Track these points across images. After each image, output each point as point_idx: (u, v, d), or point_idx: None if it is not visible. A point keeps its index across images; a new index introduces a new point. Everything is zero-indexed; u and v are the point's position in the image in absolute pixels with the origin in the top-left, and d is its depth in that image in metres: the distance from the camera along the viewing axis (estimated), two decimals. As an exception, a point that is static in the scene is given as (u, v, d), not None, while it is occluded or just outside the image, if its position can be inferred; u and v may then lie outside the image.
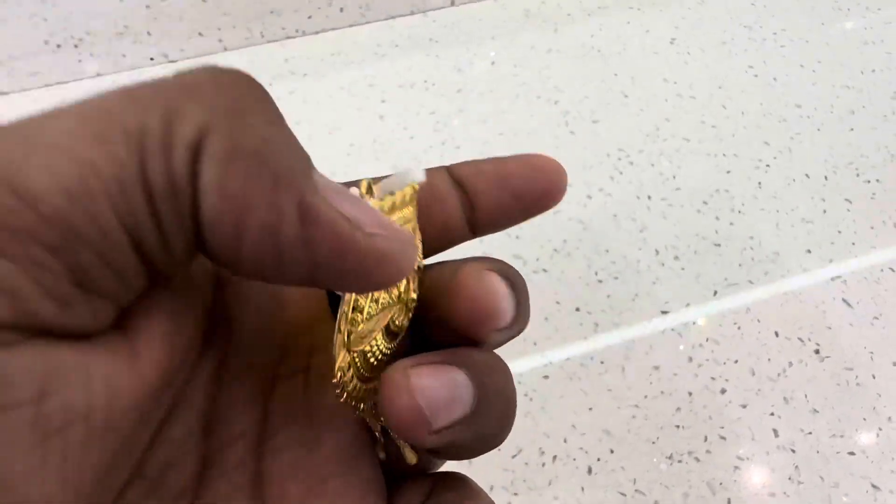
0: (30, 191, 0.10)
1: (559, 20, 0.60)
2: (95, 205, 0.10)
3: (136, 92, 0.11)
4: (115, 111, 0.11)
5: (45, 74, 0.57)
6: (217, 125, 0.11)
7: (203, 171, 0.11)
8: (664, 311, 0.42)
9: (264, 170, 0.11)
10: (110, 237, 0.11)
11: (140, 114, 0.11)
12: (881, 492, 0.36)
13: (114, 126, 0.11)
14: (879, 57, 0.57)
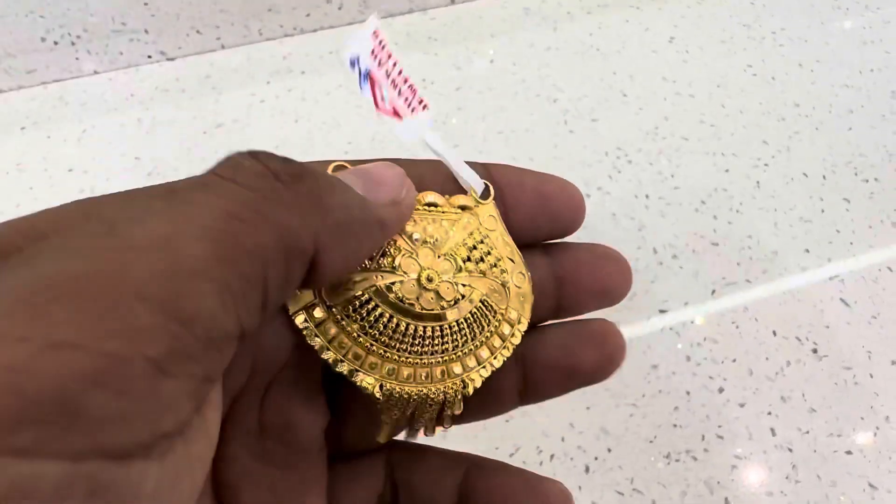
0: (189, 317, 0.11)
1: (558, 18, 0.60)
2: (229, 319, 0.12)
3: (243, 214, 0.13)
4: (235, 234, 0.12)
5: (41, 72, 0.57)
6: (324, 242, 0.14)
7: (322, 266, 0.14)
8: (662, 310, 0.42)
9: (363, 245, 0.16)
10: (233, 342, 0.13)
11: (252, 236, 0.13)
12: (878, 491, 0.36)
13: (236, 247, 0.12)
14: (878, 56, 0.57)
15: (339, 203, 0.14)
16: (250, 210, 0.13)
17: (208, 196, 0.13)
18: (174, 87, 0.57)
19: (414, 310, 0.17)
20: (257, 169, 0.13)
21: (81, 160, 0.52)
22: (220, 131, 0.53)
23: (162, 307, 0.11)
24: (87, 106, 0.56)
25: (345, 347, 0.17)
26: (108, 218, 0.12)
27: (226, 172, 0.13)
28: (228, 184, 0.13)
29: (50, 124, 0.55)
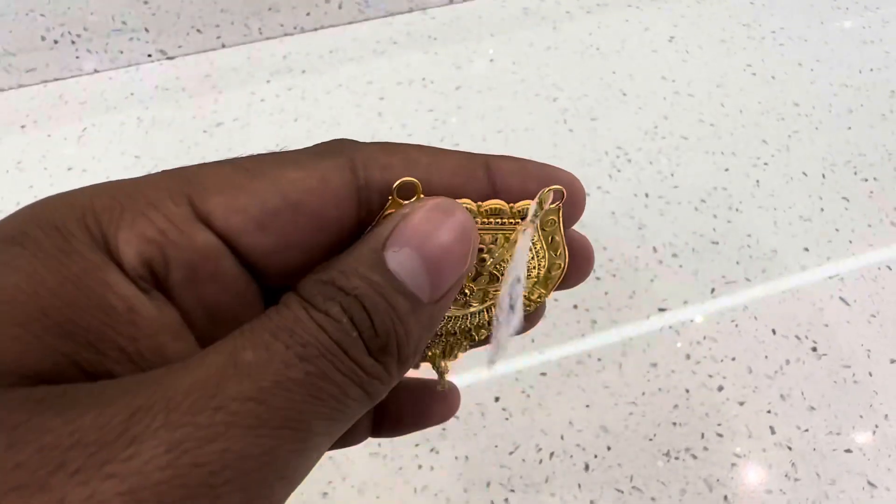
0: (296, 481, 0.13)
1: (558, 18, 0.60)
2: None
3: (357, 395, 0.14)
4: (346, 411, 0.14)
5: (42, 70, 0.57)
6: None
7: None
8: (662, 309, 0.42)
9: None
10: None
11: (359, 411, 0.14)
12: (877, 489, 0.36)
13: (344, 423, 0.14)
14: (878, 56, 0.57)
15: (414, 348, 0.14)
16: (359, 390, 0.14)
17: (338, 375, 0.13)
18: (174, 86, 0.57)
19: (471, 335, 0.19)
20: (361, 346, 0.14)
21: (81, 159, 0.52)
22: (220, 130, 0.53)
23: (289, 484, 0.13)
24: (87, 105, 0.56)
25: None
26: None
27: (340, 340, 0.13)
28: (346, 358, 0.13)
29: (50, 123, 0.55)
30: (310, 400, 0.12)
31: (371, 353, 0.13)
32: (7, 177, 0.51)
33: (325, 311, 0.13)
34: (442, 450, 0.37)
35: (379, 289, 0.14)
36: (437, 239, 0.14)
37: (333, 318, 0.13)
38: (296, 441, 0.12)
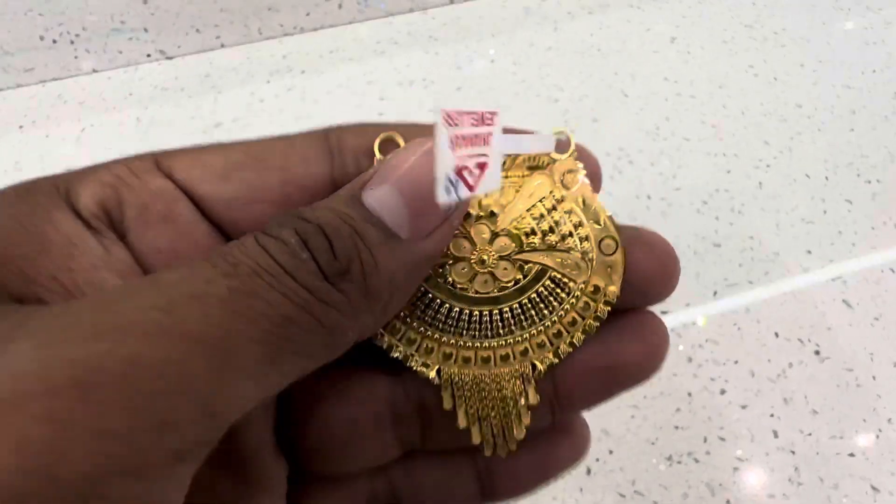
0: (222, 412, 0.12)
1: (559, 18, 0.60)
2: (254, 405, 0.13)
3: (299, 318, 0.13)
4: (288, 337, 0.12)
5: (40, 70, 0.56)
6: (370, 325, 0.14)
7: None
8: (664, 311, 0.42)
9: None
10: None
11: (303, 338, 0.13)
12: (881, 493, 0.36)
13: (286, 350, 0.12)
14: (880, 57, 0.57)
15: (386, 280, 0.13)
16: (306, 316, 0.12)
17: (271, 293, 0.12)
18: (173, 86, 0.56)
19: (468, 294, 0.16)
20: (311, 267, 0.13)
21: (80, 159, 0.52)
22: (220, 131, 0.53)
23: (200, 402, 0.11)
24: (86, 105, 0.55)
25: (398, 332, 0.16)
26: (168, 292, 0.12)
27: (285, 262, 0.13)
28: (288, 279, 0.12)
29: (48, 123, 0.54)
30: (232, 317, 0.12)
31: (327, 277, 0.13)
32: (5, 177, 0.51)
33: (274, 236, 0.13)
34: (442, 453, 0.37)
35: (347, 218, 0.13)
36: (417, 174, 0.13)
37: (281, 240, 0.13)
38: (212, 358, 0.11)
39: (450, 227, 0.15)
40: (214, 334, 0.11)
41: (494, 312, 0.16)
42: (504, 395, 0.16)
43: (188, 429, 0.11)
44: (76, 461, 0.10)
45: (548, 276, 0.16)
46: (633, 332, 0.17)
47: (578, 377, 0.17)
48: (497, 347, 0.16)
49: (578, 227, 0.16)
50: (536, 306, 0.16)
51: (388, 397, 0.17)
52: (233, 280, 0.12)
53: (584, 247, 0.16)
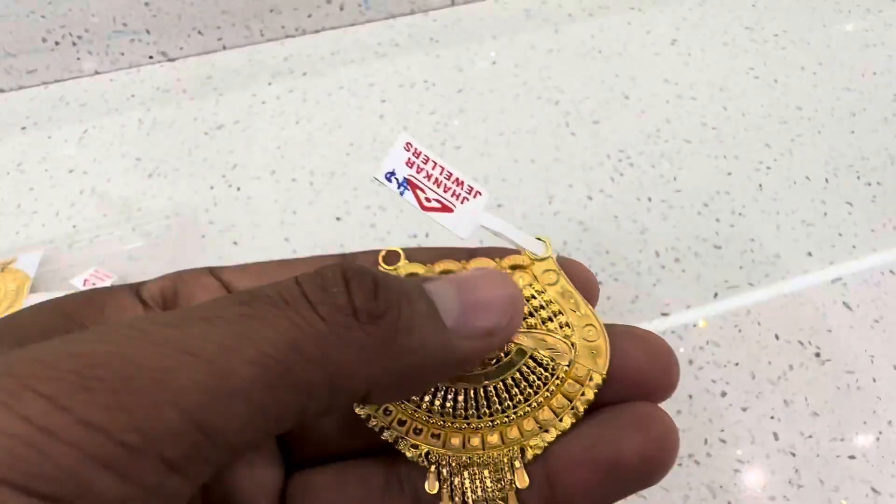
0: (215, 430, 0.12)
1: (560, 20, 0.60)
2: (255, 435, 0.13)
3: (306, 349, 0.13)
4: (290, 367, 0.12)
5: (42, 72, 0.57)
6: (381, 385, 0.14)
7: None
8: (664, 313, 0.42)
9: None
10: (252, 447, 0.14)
11: (306, 371, 0.13)
12: (881, 496, 0.36)
13: (286, 380, 0.12)
14: (881, 59, 0.57)
15: (416, 346, 0.13)
16: (314, 346, 0.13)
17: (280, 320, 0.12)
18: (175, 88, 0.57)
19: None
20: (341, 302, 0.13)
21: (82, 161, 0.52)
22: (221, 132, 0.53)
23: (192, 417, 0.12)
24: (88, 106, 0.56)
25: (390, 414, 0.16)
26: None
27: (312, 294, 0.13)
28: (306, 311, 0.13)
29: (51, 125, 0.55)
30: (233, 337, 0.12)
31: (356, 314, 0.13)
32: (8, 178, 0.51)
33: (315, 272, 0.13)
34: (443, 455, 0.37)
35: (402, 282, 0.14)
36: (481, 288, 0.14)
37: (319, 275, 0.13)
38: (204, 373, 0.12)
39: (489, 344, 0.15)
40: (211, 350, 0.12)
41: (479, 390, 0.16)
42: (493, 479, 0.16)
43: (177, 438, 0.11)
44: (66, 447, 0.11)
45: (529, 356, 0.16)
46: (632, 424, 0.16)
47: (577, 471, 0.16)
48: (485, 429, 0.16)
49: (558, 315, 0.17)
50: (519, 384, 0.16)
51: (383, 489, 0.17)
52: (246, 308, 0.12)
53: (566, 332, 0.17)
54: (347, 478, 0.17)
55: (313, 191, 0.49)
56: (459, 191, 0.18)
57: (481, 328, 0.14)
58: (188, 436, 0.12)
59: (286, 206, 0.49)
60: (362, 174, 0.50)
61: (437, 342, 0.14)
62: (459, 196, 0.17)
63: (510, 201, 0.48)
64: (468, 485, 0.16)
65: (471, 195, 0.18)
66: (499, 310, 0.14)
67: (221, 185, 0.50)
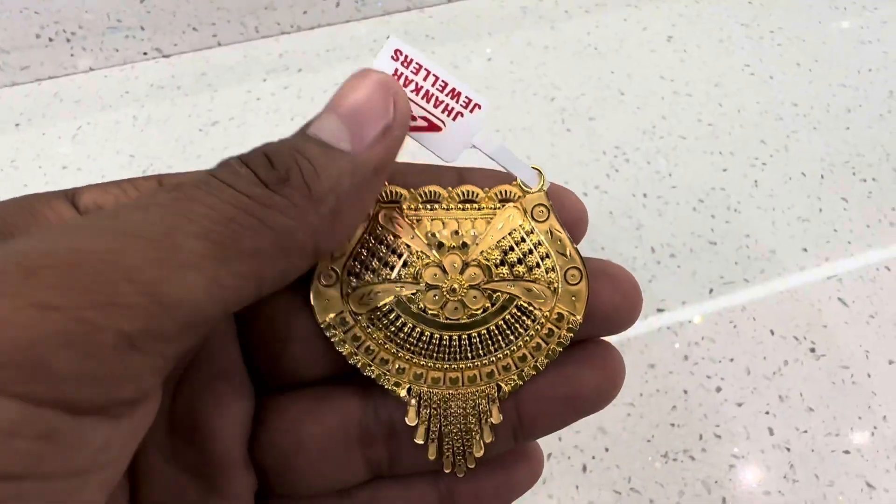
0: (173, 302, 0.12)
1: (556, 17, 0.60)
2: (213, 308, 0.13)
3: (242, 219, 0.13)
4: (234, 237, 0.13)
5: (36, 68, 0.56)
6: (324, 231, 0.15)
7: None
8: (660, 309, 0.42)
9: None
10: (212, 324, 0.14)
11: (252, 239, 0.13)
12: (876, 490, 0.36)
13: (233, 248, 0.13)
14: (876, 56, 0.57)
15: (329, 186, 0.14)
16: (249, 217, 0.13)
17: (210, 198, 0.13)
18: (170, 85, 0.56)
19: (438, 320, 0.17)
20: (251, 178, 0.14)
21: (76, 157, 0.52)
22: (216, 129, 0.53)
23: (148, 290, 0.12)
24: (82, 103, 0.55)
25: (372, 353, 0.17)
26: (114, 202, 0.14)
27: (224, 177, 0.14)
28: (228, 189, 0.14)
29: (44, 121, 0.54)
30: (173, 217, 0.13)
31: (267, 185, 0.14)
32: (1, 175, 0.51)
33: (221, 164, 0.14)
34: (439, 451, 0.37)
35: (288, 142, 0.14)
36: (351, 97, 0.15)
37: (224, 164, 0.14)
38: (153, 250, 0.12)
39: (392, 139, 0.15)
40: (155, 230, 0.12)
41: (463, 337, 0.17)
42: (468, 414, 0.17)
43: (134, 312, 0.12)
44: (18, 329, 0.11)
45: (515, 305, 0.17)
46: (592, 363, 0.18)
47: (541, 404, 0.18)
48: (465, 369, 0.17)
49: (545, 259, 0.17)
50: (503, 332, 0.17)
51: (360, 418, 0.17)
52: (177, 193, 0.13)
53: (551, 277, 0.17)
54: (323, 407, 0.17)
55: (309, 187, 0.49)
56: (453, 105, 0.17)
57: (375, 134, 0.15)
58: (145, 308, 0.12)
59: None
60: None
61: (345, 169, 0.15)
62: (452, 111, 0.17)
63: (506, 198, 0.48)
64: (445, 418, 0.17)
65: (467, 109, 0.17)
66: (379, 108, 0.15)
67: (216, 182, 0.49)
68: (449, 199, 0.17)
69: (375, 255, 0.17)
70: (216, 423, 0.16)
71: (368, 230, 0.17)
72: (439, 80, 0.16)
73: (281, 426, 0.17)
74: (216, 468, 0.16)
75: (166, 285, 0.12)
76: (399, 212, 0.17)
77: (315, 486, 0.17)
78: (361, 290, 0.17)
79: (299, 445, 0.17)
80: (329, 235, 0.15)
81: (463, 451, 0.17)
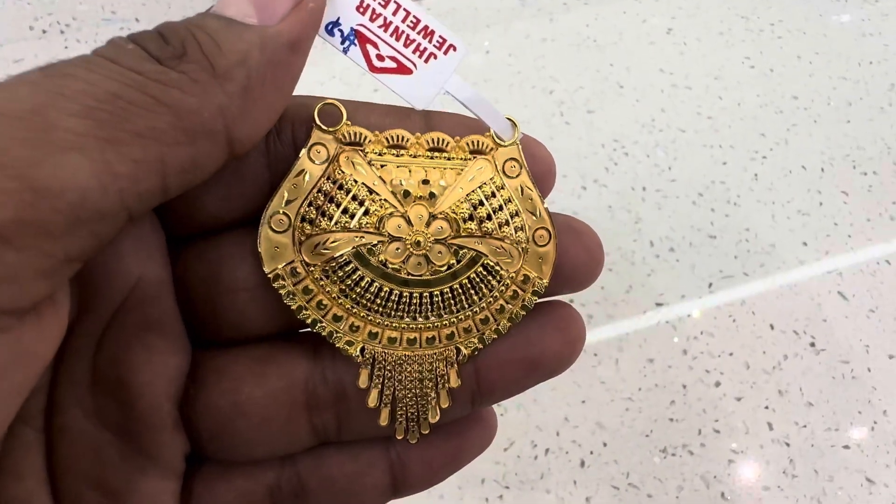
0: (51, 189, 0.11)
1: (555, 9, 0.60)
2: (107, 199, 0.11)
3: (131, 95, 0.12)
4: (122, 116, 0.12)
5: (29, 61, 0.56)
6: (234, 113, 0.13)
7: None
8: (659, 304, 0.42)
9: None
10: (110, 224, 0.12)
11: (145, 118, 0.12)
12: (875, 485, 0.36)
13: (122, 128, 0.12)
14: (877, 49, 0.56)
15: (236, 60, 0.13)
16: (140, 94, 0.12)
17: (91, 74, 0.12)
18: (165, 77, 0.56)
19: (399, 275, 0.16)
20: (139, 53, 0.12)
21: (70, 150, 0.51)
22: (212, 122, 0.53)
23: (18, 174, 0.11)
24: (77, 96, 0.55)
25: (324, 308, 0.16)
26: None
27: (107, 53, 0.12)
28: (111, 64, 0.12)
29: (38, 114, 0.54)
30: (45, 95, 0.11)
31: (160, 61, 0.12)
32: (-6, 168, 0.50)
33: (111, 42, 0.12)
34: (435, 446, 0.37)
35: (185, 21, 0.13)
36: None
37: (109, 42, 0.12)
38: (23, 130, 0.11)
39: (307, 11, 0.14)
40: (23, 108, 0.11)
41: (425, 295, 0.16)
42: (424, 378, 0.16)
43: (3, 198, 0.10)
44: None
45: (481, 264, 0.16)
46: (554, 326, 0.17)
47: (501, 367, 0.17)
48: (424, 329, 0.16)
49: (515, 217, 0.16)
50: (467, 292, 0.16)
51: (306, 380, 0.16)
52: (48, 69, 0.12)
53: (519, 236, 0.16)
54: (267, 369, 0.16)
55: (305, 181, 0.49)
56: (426, 45, 0.15)
57: (286, 6, 0.14)
58: (15, 196, 0.10)
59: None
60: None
61: (254, 43, 0.13)
62: (425, 52, 0.15)
63: (504, 191, 0.48)
64: (399, 382, 0.16)
65: (440, 50, 0.15)
66: None
67: (212, 175, 0.49)
68: (417, 146, 0.16)
69: (333, 201, 0.15)
70: (144, 377, 0.15)
71: (326, 173, 0.15)
72: (411, 16, 0.15)
73: (219, 387, 0.16)
74: (142, 427, 0.15)
75: (40, 168, 0.11)
76: (361, 155, 0.16)
77: (255, 452, 0.16)
78: (316, 239, 0.15)
79: (239, 408, 0.15)
80: (242, 118, 0.13)
81: (417, 416, 0.16)
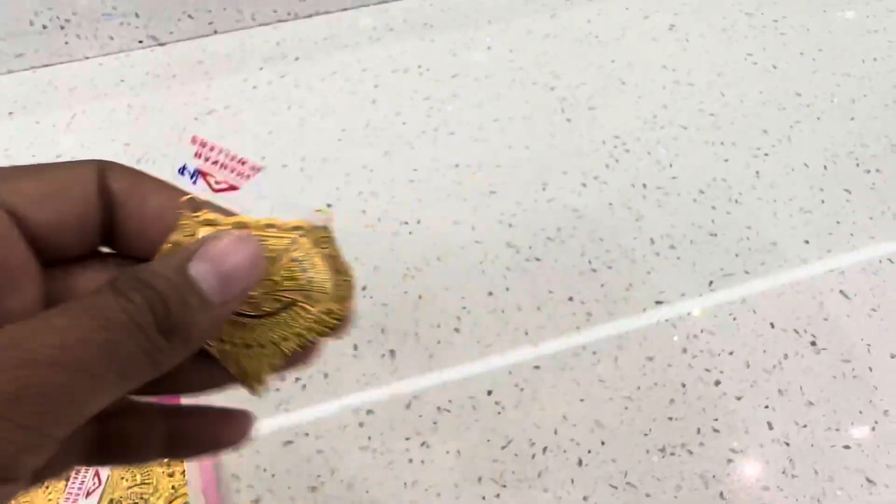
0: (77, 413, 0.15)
1: (557, 5, 0.59)
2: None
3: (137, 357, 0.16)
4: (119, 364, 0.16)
5: (30, 56, 0.56)
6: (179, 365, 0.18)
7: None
8: (659, 302, 0.42)
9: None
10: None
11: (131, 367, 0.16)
12: (876, 486, 0.35)
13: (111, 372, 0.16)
14: (881, 45, 0.56)
15: (200, 336, 0.17)
16: (145, 358, 0.16)
17: (130, 344, 0.16)
18: (165, 73, 0.56)
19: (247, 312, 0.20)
20: (155, 327, 0.17)
21: (70, 146, 0.51)
22: (212, 118, 0.52)
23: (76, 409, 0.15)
24: (77, 91, 0.55)
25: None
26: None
27: (142, 322, 0.16)
28: (142, 336, 0.16)
29: (39, 109, 0.54)
30: (104, 357, 0.15)
31: (162, 332, 0.17)
32: (-6, 164, 0.50)
33: (130, 299, 0.17)
34: (433, 444, 0.37)
35: (178, 288, 0.17)
36: (231, 260, 0.18)
37: (136, 304, 0.17)
38: (89, 383, 0.15)
39: (241, 299, 0.19)
40: (93, 369, 0.15)
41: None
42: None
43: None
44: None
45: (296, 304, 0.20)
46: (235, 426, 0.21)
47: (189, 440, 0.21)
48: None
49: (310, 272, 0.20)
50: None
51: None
52: (108, 333, 0.16)
53: (318, 284, 0.20)
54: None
55: (304, 177, 0.49)
56: (242, 169, 0.21)
57: (236, 293, 0.18)
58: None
59: (276, 193, 0.48)
60: (354, 159, 0.49)
61: (211, 320, 0.18)
62: (243, 174, 0.21)
63: (504, 187, 0.47)
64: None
65: (254, 172, 0.21)
66: (248, 273, 0.18)
67: (212, 172, 0.49)
68: (256, 226, 0.20)
69: None
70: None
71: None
72: (229, 153, 0.20)
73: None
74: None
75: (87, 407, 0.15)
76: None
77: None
78: None
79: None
80: (171, 364, 0.17)
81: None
